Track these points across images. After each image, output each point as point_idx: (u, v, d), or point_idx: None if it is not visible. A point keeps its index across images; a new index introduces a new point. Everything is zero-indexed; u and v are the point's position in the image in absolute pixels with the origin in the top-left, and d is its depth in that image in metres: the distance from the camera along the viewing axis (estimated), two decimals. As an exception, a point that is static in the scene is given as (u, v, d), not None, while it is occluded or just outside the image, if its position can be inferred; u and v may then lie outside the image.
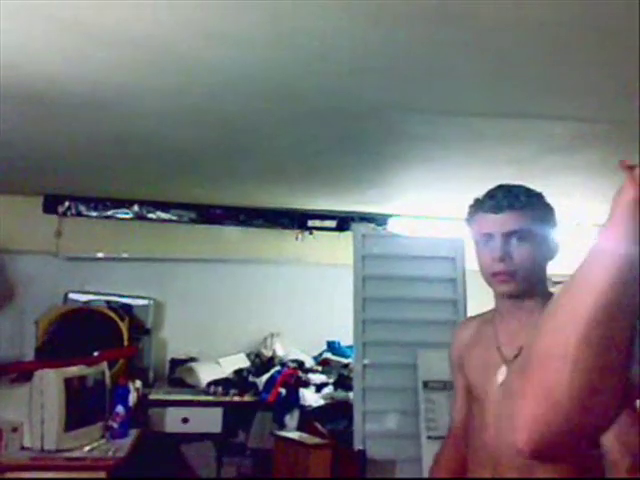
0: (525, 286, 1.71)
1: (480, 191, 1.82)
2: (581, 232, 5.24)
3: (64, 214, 4.85)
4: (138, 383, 4.48)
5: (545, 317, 0.95)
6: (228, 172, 3.99)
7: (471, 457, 1.82)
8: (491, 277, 1.73)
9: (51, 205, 4.85)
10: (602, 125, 2.81)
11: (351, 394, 4.19)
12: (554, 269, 1.81)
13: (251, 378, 4.80)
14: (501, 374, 1.72)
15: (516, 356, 1.68)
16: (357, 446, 3.80)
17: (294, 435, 4.11)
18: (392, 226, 5.04)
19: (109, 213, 4.89)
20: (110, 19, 1.85)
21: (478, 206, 1.77)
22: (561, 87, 2.37)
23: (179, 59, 2.15)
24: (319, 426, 4.15)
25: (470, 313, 3.75)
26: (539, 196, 1.76)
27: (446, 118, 2.76)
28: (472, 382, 1.83)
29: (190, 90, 2.46)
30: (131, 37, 1.97)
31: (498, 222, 1.70)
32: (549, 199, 1.79)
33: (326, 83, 2.36)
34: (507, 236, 1.70)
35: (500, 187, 1.76)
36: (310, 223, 5.16)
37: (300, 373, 4.81)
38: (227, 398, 4.61)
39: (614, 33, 1.88)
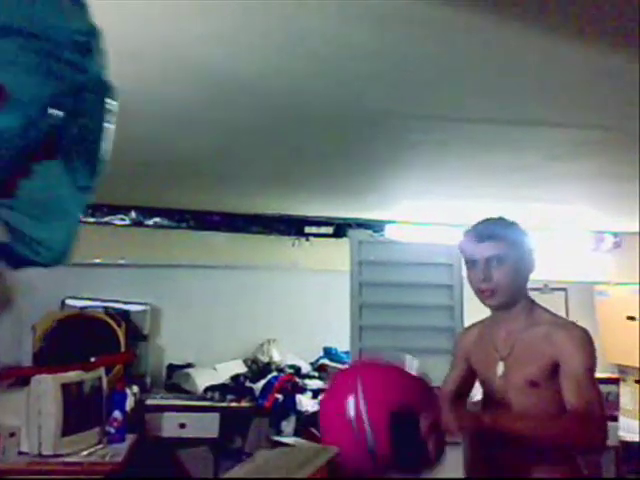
0: (506, 299, 2.08)
1: (479, 197, 1.87)
2: (581, 238, 5.27)
3: (61, 220, 4.85)
4: (135, 388, 4.48)
5: None
6: (225, 179, 4.00)
7: None
8: (478, 293, 2.13)
9: (48, 211, 4.85)
10: (604, 133, 2.83)
11: (348, 400, 4.19)
12: (555, 275, 1.93)
13: (248, 384, 4.80)
14: (500, 368, 2.11)
15: (509, 354, 2.09)
16: (354, 452, 3.80)
17: (290, 440, 4.12)
18: (389, 233, 5.06)
19: (106, 219, 4.90)
20: (112, 28, 1.86)
21: (466, 236, 2.14)
22: (563, 95, 2.40)
23: (178, 66, 2.17)
24: (315, 432, 4.16)
25: (467, 319, 3.77)
26: (514, 226, 2.11)
27: (445, 125, 2.78)
28: (477, 371, 2.25)
29: (188, 97, 2.48)
30: (130, 44, 1.99)
31: (480, 249, 2.07)
32: (552, 206, 1.94)
33: (325, 90, 2.38)
34: (488, 260, 2.05)
35: (483, 221, 2.13)
36: (307, 229, 5.16)
37: (297, 379, 4.81)
38: (224, 404, 4.62)
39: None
